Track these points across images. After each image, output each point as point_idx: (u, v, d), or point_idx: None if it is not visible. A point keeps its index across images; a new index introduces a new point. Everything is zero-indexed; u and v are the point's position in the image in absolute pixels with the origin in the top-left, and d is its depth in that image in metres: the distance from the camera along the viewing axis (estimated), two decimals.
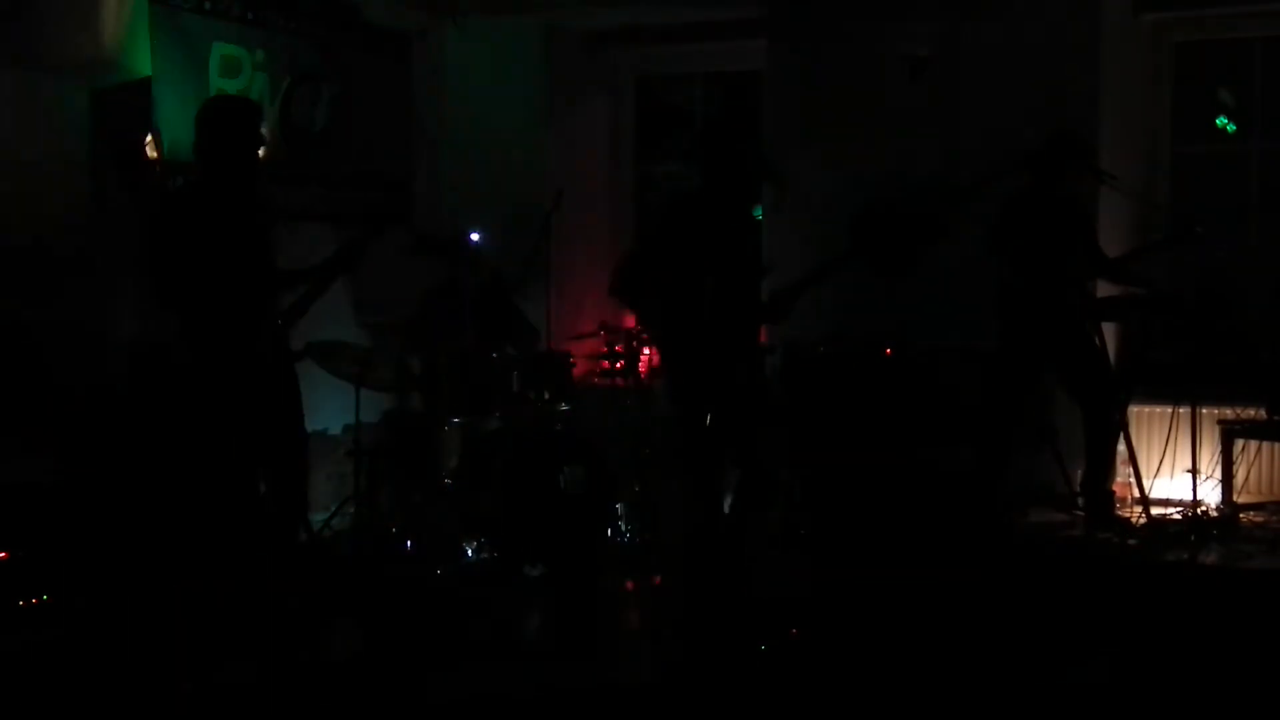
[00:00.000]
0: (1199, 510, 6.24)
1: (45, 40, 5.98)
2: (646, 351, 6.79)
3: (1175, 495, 6.70)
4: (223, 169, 5.00)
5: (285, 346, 5.05)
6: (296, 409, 5.10)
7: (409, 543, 6.25)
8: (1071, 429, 6.58)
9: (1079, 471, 6.63)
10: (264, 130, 5.06)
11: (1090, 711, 4.56)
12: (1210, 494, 6.61)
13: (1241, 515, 6.46)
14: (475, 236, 7.08)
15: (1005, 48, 7.17)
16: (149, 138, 5.92)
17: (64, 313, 5.98)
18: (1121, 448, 6.53)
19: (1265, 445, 6.74)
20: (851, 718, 4.48)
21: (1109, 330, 6.68)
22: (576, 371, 6.87)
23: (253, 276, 4.95)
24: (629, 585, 5.92)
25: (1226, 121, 7.43)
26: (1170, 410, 6.31)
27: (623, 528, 6.37)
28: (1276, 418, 6.51)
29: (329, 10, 7.45)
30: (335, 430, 6.89)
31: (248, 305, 4.87)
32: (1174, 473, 6.56)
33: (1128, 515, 6.45)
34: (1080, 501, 6.60)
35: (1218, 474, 6.71)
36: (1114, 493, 6.59)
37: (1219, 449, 6.71)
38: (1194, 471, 6.22)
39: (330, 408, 5.45)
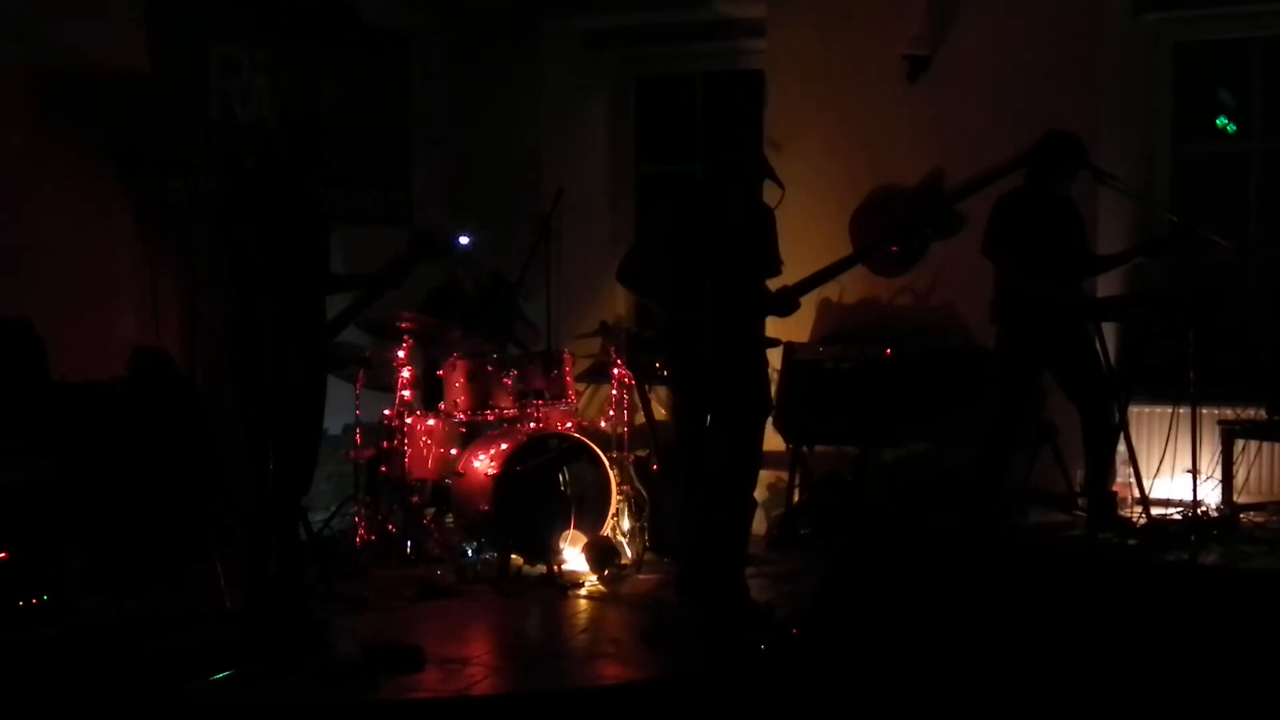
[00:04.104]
0: (1199, 510, 6.23)
1: (45, 38, 5.99)
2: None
3: (1175, 495, 6.69)
4: (295, 175, 5.11)
5: (325, 352, 5.07)
6: (320, 410, 5.13)
7: (409, 543, 6.25)
8: (1071, 429, 6.57)
9: (1079, 471, 6.63)
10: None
11: (1090, 712, 4.57)
12: (1210, 494, 6.61)
13: (1241, 515, 6.45)
14: (465, 240, 7.07)
15: (1004, 47, 7.17)
16: (149, 137, 5.91)
17: (65, 312, 5.99)
18: (1121, 448, 6.53)
19: (1265, 445, 6.74)
20: (852, 718, 4.48)
21: (1109, 330, 6.68)
22: (576, 371, 6.87)
23: (307, 274, 4.99)
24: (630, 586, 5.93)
25: (1226, 121, 7.42)
26: (1170, 410, 6.31)
27: (622, 527, 6.38)
28: (1276, 418, 6.50)
29: (329, 10, 7.45)
30: (335, 430, 6.89)
31: (301, 301, 4.90)
32: (1174, 473, 6.55)
33: (1128, 515, 6.45)
34: (1080, 501, 6.60)
35: (1218, 474, 6.70)
36: (1116, 493, 6.59)
37: (1219, 449, 6.70)
38: (1194, 471, 6.21)
39: (330, 408, 5.46)
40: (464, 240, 7.07)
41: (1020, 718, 4.55)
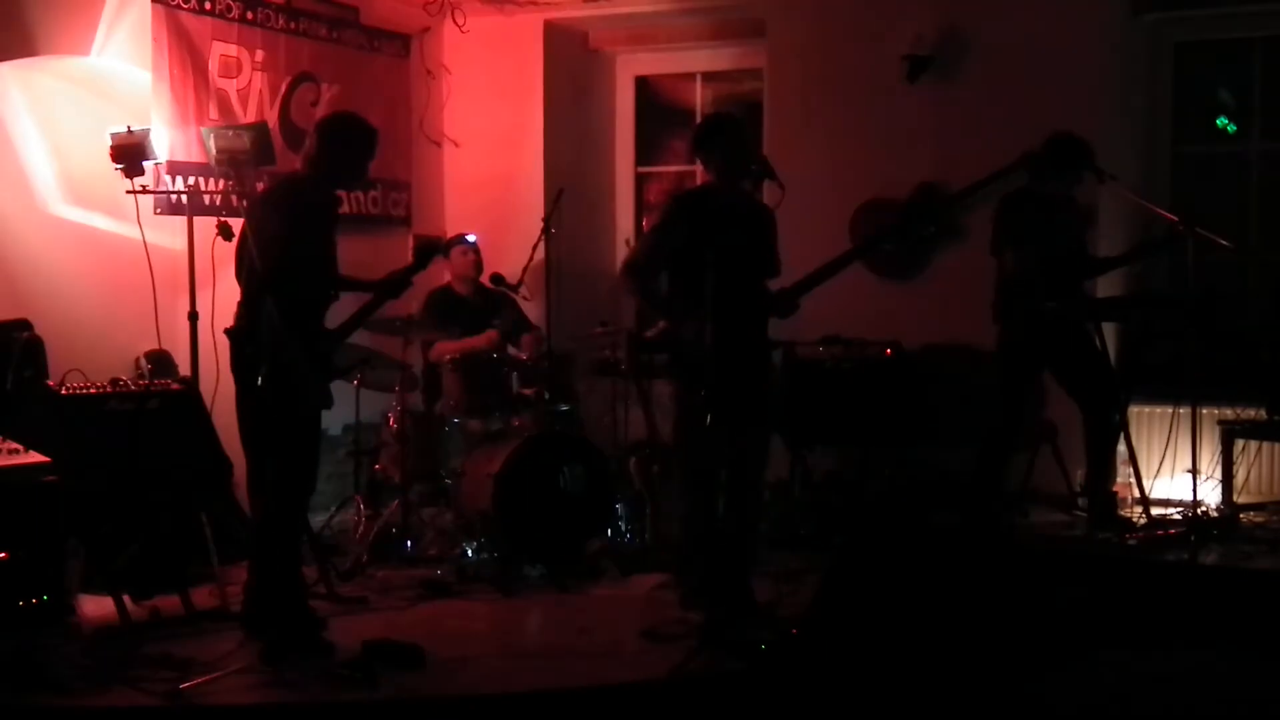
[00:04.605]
0: (1199, 510, 6.23)
1: (44, 38, 5.98)
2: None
3: (1175, 495, 6.69)
4: (337, 182, 5.17)
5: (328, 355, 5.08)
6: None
7: (409, 543, 6.25)
8: (1071, 429, 6.58)
9: (1079, 471, 6.63)
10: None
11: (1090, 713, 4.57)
12: (1210, 494, 6.61)
13: (1241, 515, 6.45)
14: (471, 238, 7.10)
15: (1004, 47, 7.18)
16: (149, 137, 5.91)
17: (66, 312, 5.99)
18: (1121, 448, 6.53)
19: (1265, 445, 6.74)
20: (851, 718, 4.49)
21: (1109, 330, 6.68)
22: (577, 371, 6.87)
23: (328, 276, 5.00)
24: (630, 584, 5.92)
25: (1226, 121, 7.42)
26: (1170, 410, 6.31)
27: (623, 528, 6.37)
28: (1276, 418, 6.51)
29: (329, 10, 7.46)
30: (335, 430, 6.89)
31: (318, 303, 4.90)
32: (1174, 473, 6.56)
33: (1128, 515, 6.45)
34: (1080, 501, 6.60)
35: (1218, 474, 6.70)
36: (1116, 494, 6.59)
37: (1219, 449, 6.70)
38: (1194, 471, 6.21)
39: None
40: (470, 239, 7.10)
41: (1019, 716, 4.56)
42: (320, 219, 5.00)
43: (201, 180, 6.50)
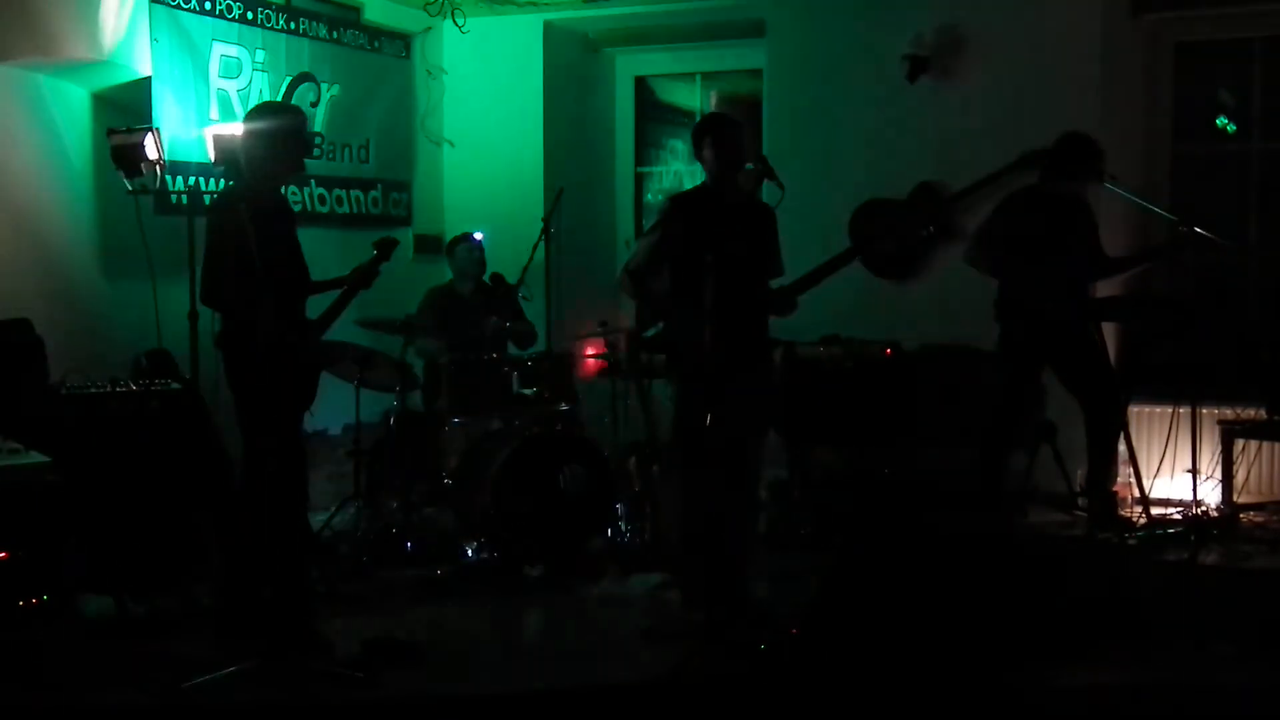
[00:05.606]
0: (1199, 510, 6.23)
1: (45, 39, 5.98)
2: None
3: (1175, 495, 6.69)
4: (274, 174, 5.10)
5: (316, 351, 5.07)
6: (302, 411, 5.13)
7: (409, 543, 6.25)
8: (1072, 429, 6.58)
9: (1079, 471, 6.63)
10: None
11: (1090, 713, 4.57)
12: (1210, 494, 6.61)
13: (1241, 515, 6.45)
14: (479, 236, 7.11)
15: (1004, 47, 7.17)
16: (149, 137, 5.90)
17: (66, 312, 5.99)
18: (1121, 448, 6.53)
19: (1265, 445, 6.73)
20: (851, 718, 4.49)
21: (1109, 330, 6.68)
22: (577, 371, 6.87)
23: (291, 279, 4.99)
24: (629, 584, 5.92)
25: (1226, 121, 7.42)
26: (1170, 410, 6.31)
27: (623, 528, 6.37)
28: (1276, 418, 6.50)
29: (329, 10, 7.46)
30: (335, 430, 6.89)
31: (286, 307, 4.90)
32: (1174, 473, 6.55)
33: (1128, 515, 6.45)
34: (1080, 501, 6.60)
35: (1218, 474, 6.70)
36: (1116, 493, 6.59)
37: (1219, 449, 6.70)
38: (1194, 471, 6.21)
39: (330, 408, 5.47)
40: (478, 236, 7.11)
41: (1018, 715, 4.56)
42: (271, 220, 4.94)
43: (201, 180, 6.50)
